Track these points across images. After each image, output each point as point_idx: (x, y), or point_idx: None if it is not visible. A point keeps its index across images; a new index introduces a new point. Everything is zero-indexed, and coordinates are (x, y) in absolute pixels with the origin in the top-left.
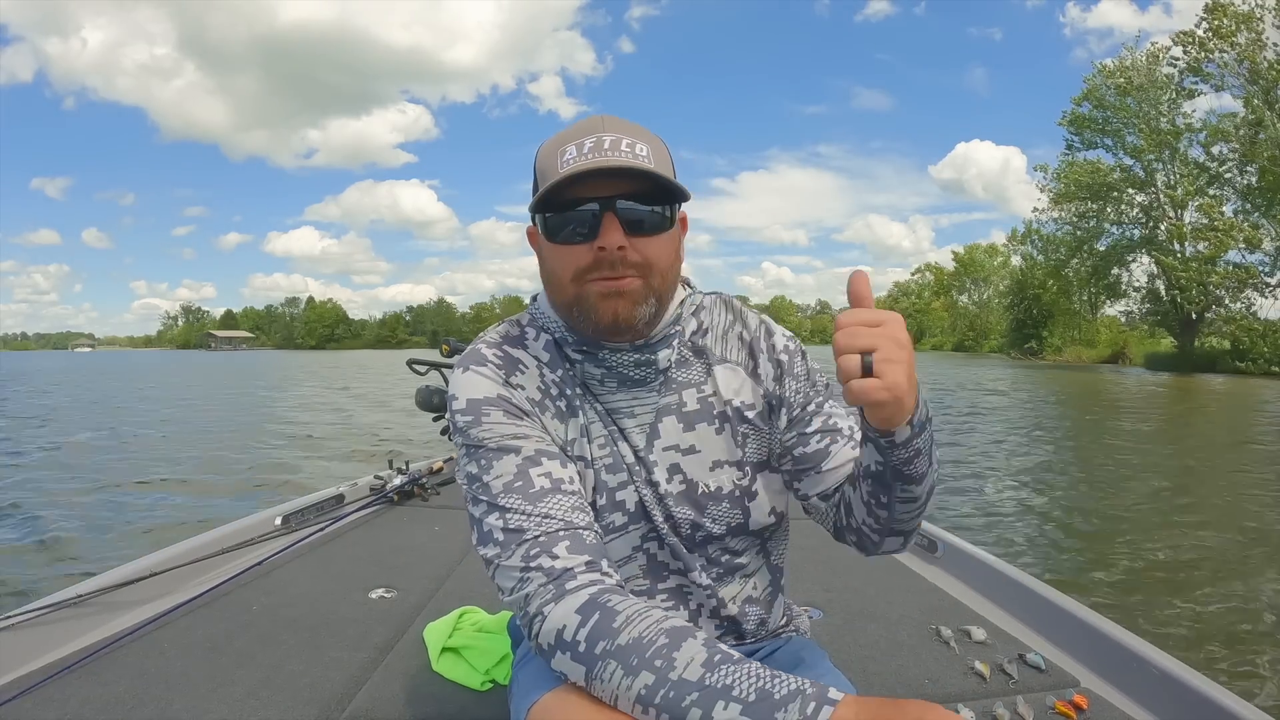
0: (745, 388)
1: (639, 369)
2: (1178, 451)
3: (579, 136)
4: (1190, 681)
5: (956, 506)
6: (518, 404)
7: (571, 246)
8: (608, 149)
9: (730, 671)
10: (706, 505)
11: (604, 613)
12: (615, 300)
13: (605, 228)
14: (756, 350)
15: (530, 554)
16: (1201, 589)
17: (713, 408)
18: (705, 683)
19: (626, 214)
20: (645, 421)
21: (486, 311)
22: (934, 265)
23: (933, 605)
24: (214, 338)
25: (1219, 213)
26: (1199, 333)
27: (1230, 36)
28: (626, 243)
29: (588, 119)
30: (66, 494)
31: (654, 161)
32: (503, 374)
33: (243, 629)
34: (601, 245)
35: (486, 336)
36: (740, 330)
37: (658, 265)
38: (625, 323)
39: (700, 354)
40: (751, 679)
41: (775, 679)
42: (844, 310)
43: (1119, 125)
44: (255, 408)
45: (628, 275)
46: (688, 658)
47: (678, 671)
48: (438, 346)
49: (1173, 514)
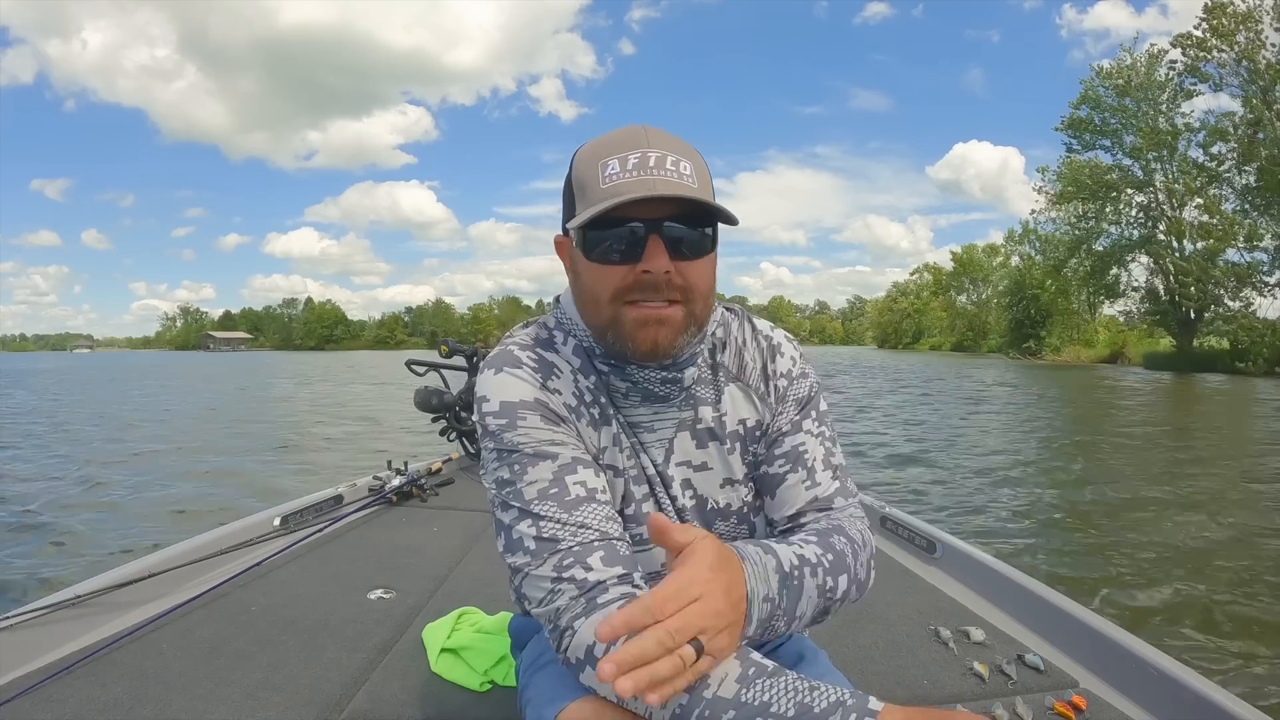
0: (751, 409)
1: (664, 386)
2: (1177, 452)
3: (622, 150)
4: (1189, 682)
5: (956, 507)
6: (555, 409)
7: (612, 266)
8: (653, 167)
9: (767, 687)
10: (714, 522)
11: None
12: (656, 328)
13: (650, 250)
14: (766, 373)
15: (563, 564)
16: (1201, 590)
17: (725, 427)
18: (741, 699)
19: (672, 236)
20: (665, 436)
21: (485, 312)
22: (933, 265)
23: (932, 606)
24: (212, 338)
25: (1219, 210)
26: (1198, 332)
27: (1230, 36)
28: (672, 267)
29: (630, 129)
30: (66, 494)
31: (697, 181)
32: (539, 377)
33: (242, 630)
34: (647, 269)
35: (516, 338)
36: (753, 349)
37: (699, 289)
38: (665, 353)
39: (716, 371)
40: (789, 693)
41: (813, 691)
42: (646, 600)
43: (1117, 126)
44: (253, 408)
45: (671, 301)
46: (722, 674)
47: (712, 689)
48: (436, 347)
49: (1172, 514)
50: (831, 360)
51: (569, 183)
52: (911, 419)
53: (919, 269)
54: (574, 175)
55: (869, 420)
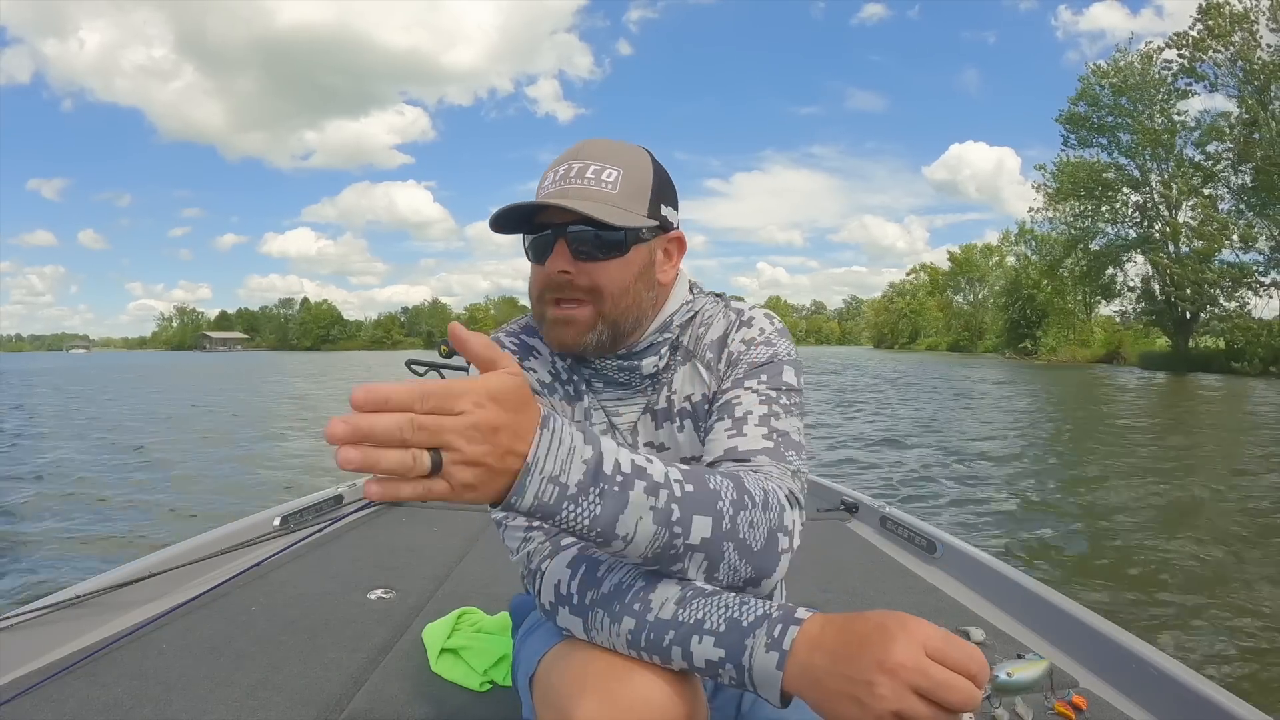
0: (700, 383)
1: (622, 374)
2: (1174, 451)
3: (562, 161)
4: (1188, 682)
5: (955, 507)
6: (530, 385)
7: (537, 266)
8: (574, 177)
9: (701, 605)
10: None
11: (589, 563)
12: (563, 328)
13: (555, 253)
14: (721, 344)
15: None
16: (1200, 589)
17: (674, 405)
18: (679, 619)
19: (576, 240)
20: (630, 420)
21: (481, 312)
22: (929, 265)
23: (931, 606)
24: (208, 339)
25: (1213, 211)
26: (1194, 332)
27: (1226, 36)
28: (573, 268)
29: (579, 144)
30: (66, 495)
31: (619, 188)
32: (517, 358)
33: (241, 630)
34: (549, 270)
35: (506, 327)
36: (719, 326)
37: (607, 290)
38: (572, 349)
39: (688, 357)
40: (720, 609)
41: (743, 606)
42: (412, 385)
43: (1114, 124)
44: (254, 407)
45: (577, 301)
46: (662, 598)
47: (654, 612)
48: (433, 347)
49: (1171, 514)
50: (827, 361)
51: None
52: (907, 418)
53: (915, 269)
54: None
55: (863, 418)
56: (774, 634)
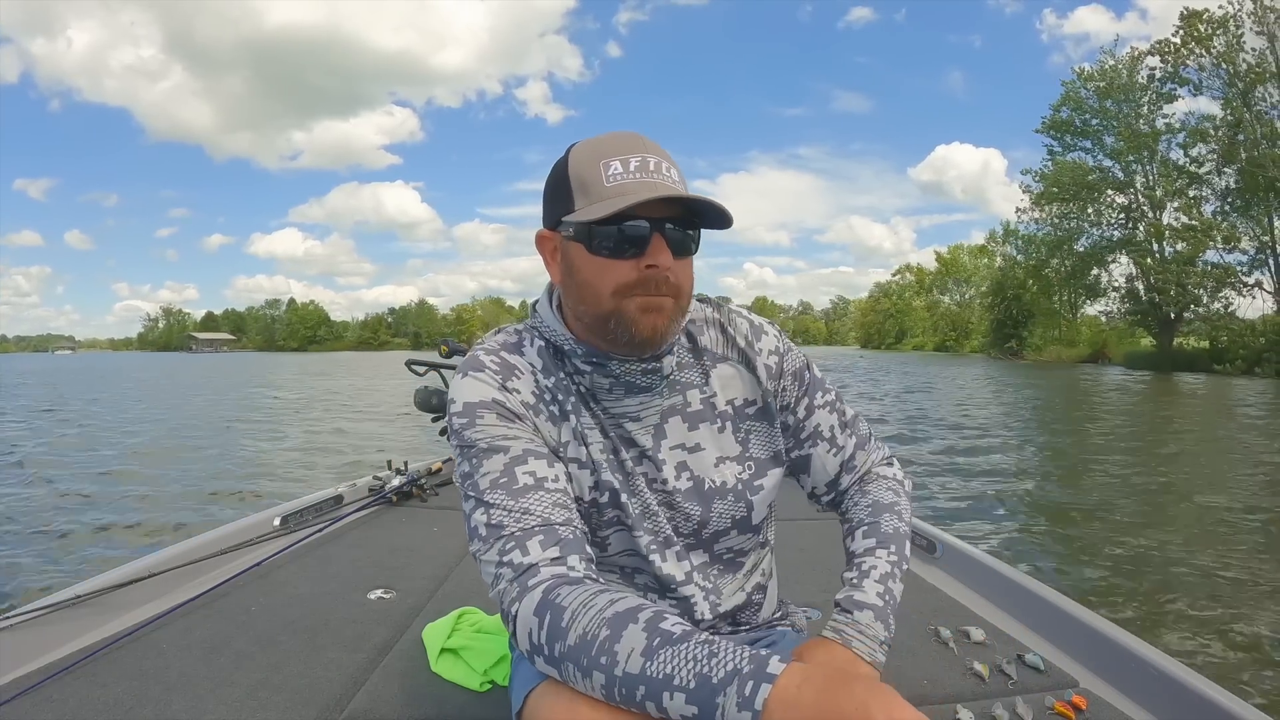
0: (742, 387)
1: (645, 377)
2: (1169, 450)
3: (622, 152)
4: (1189, 682)
5: (955, 507)
6: (511, 407)
7: (615, 261)
8: (653, 170)
9: (668, 657)
10: (713, 500)
11: (554, 612)
12: (656, 315)
13: (654, 248)
14: (751, 352)
15: (505, 549)
16: (1200, 589)
17: (714, 407)
18: (647, 673)
19: (672, 236)
20: (651, 423)
21: (468, 313)
22: (915, 266)
23: (931, 606)
24: (194, 340)
25: (1197, 213)
26: (1178, 332)
27: (1207, 42)
28: (673, 264)
29: (625, 134)
30: (64, 495)
31: (684, 186)
32: (499, 379)
33: (241, 630)
34: (652, 264)
35: (486, 344)
36: (732, 331)
37: (685, 288)
38: (663, 338)
39: (699, 356)
40: (689, 662)
41: (712, 659)
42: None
43: (1098, 127)
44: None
45: (665, 295)
46: (628, 649)
47: (621, 666)
48: (419, 348)
49: (1170, 513)
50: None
51: (564, 179)
52: (902, 417)
53: (901, 269)
54: (572, 172)
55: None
56: (745, 692)
